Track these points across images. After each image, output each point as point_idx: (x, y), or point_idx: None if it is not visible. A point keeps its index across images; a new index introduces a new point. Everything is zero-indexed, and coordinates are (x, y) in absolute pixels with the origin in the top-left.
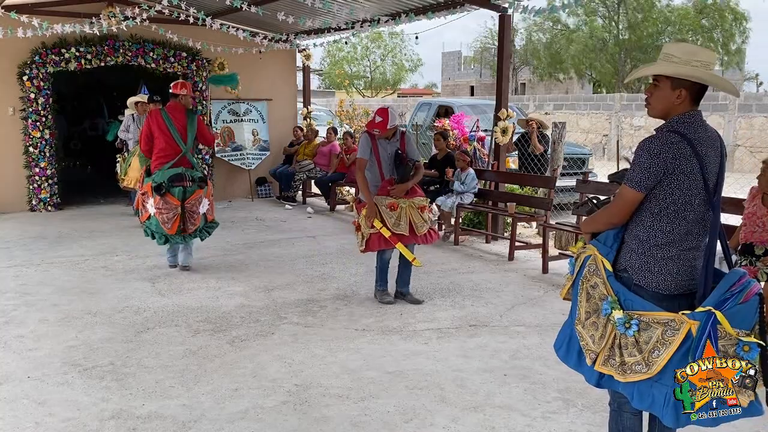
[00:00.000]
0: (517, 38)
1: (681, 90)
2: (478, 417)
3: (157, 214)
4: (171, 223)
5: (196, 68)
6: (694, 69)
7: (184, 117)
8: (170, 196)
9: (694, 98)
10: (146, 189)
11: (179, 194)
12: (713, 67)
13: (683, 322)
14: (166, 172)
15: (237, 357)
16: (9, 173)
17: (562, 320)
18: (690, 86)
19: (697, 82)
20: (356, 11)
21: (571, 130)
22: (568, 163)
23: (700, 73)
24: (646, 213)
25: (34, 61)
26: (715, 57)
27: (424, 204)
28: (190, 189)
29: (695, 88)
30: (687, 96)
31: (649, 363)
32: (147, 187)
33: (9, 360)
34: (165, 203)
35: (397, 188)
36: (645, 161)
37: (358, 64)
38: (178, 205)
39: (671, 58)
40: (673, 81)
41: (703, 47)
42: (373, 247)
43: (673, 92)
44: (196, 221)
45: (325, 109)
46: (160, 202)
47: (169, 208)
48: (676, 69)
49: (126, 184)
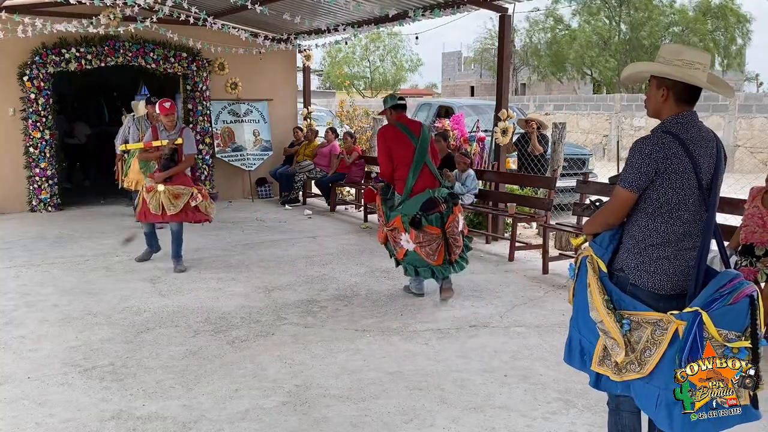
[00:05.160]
0: (517, 38)
1: (664, 88)
2: (478, 417)
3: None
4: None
5: (197, 68)
6: (675, 68)
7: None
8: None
9: (684, 98)
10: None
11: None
12: (703, 67)
13: (671, 322)
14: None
15: (237, 357)
16: (9, 173)
17: (563, 321)
18: (672, 85)
19: (681, 81)
20: (359, 10)
21: (572, 130)
22: (568, 164)
23: (680, 72)
24: (641, 213)
25: (34, 61)
26: (705, 57)
27: (179, 192)
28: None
29: (679, 87)
30: (670, 95)
31: (641, 362)
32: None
33: (9, 360)
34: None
35: (157, 176)
36: (637, 162)
37: (358, 64)
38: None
39: (658, 58)
40: (657, 80)
41: (691, 47)
42: (138, 217)
43: (658, 91)
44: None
45: (326, 110)
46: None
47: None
48: (658, 68)
49: (126, 185)
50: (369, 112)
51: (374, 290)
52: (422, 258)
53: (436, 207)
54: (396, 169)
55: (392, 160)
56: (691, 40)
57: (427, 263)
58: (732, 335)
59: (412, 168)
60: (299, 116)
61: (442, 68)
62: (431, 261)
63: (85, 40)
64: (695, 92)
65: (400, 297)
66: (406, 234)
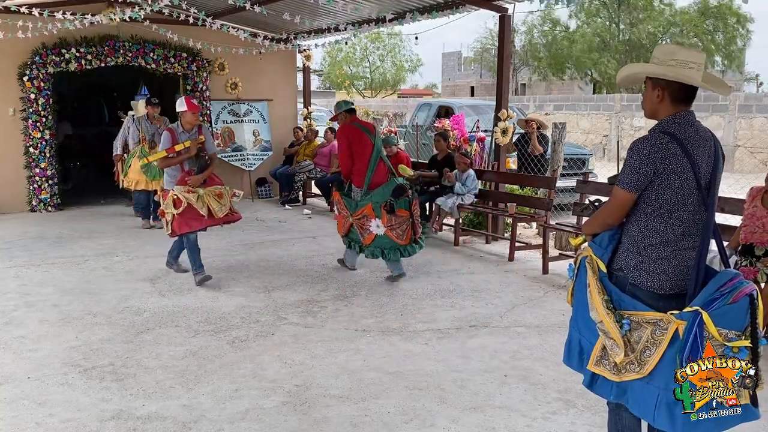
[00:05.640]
0: (517, 39)
1: (659, 89)
2: (478, 417)
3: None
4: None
5: (197, 69)
6: (669, 68)
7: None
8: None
9: (680, 98)
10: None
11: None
12: (697, 66)
13: (671, 322)
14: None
15: (237, 357)
16: (9, 173)
17: (563, 321)
18: (666, 85)
19: (675, 82)
20: (358, 11)
21: (572, 130)
22: (568, 164)
23: (674, 72)
24: (640, 213)
25: (34, 61)
26: (699, 56)
27: (220, 191)
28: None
29: (674, 88)
30: (666, 95)
31: (641, 362)
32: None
33: (9, 360)
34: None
35: (193, 179)
36: (635, 162)
37: (358, 64)
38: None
39: (652, 59)
40: (652, 81)
41: (685, 47)
42: (176, 231)
43: (653, 92)
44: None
45: (326, 110)
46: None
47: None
48: (651, 69)
49: (126, 185)
50: (369, 112)
51: (374, 290)
52: (392, 240)
53: (405, 192)
54: (354, 163)
55: (352, 156)
56: (690, 41)
57: (397, 244)
58: (732, 334)
59: (372, 162)
60: (299, 116)
61: (442, 68)
62: (400, 242)
63: (85, 40)
64: (691, 92)
65: (400, 297)
66: (376, 219)
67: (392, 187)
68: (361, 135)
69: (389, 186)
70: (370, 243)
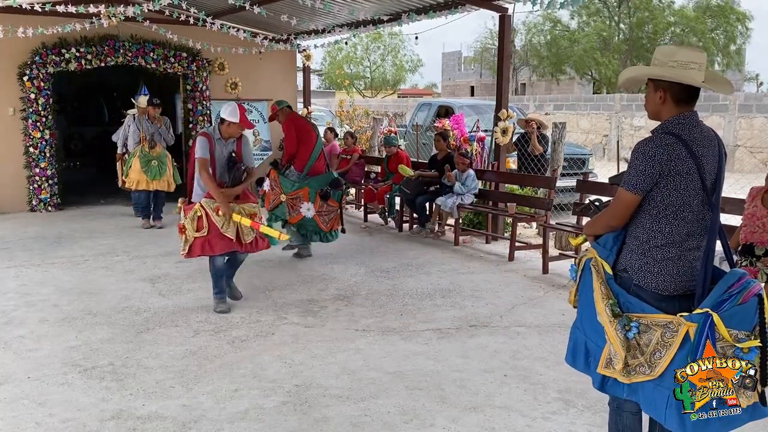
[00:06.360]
0: (517, 39)
1: (661, 91)
2: (478, 417)
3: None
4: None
5: (197, 68)
6: (669, 69)
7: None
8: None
9: (682, 98)
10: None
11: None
12: (698, 66)
13: (681, 324)
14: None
15: (237, 357)
16: (9, 173)
17: (563, 321)
18: (668, 87)
19: (677, 83)
20: (357, 12)
21: (572, 130)
22: (568, 164)
23: (675, 73)
24: (645, 215)
25: (34, 61)
26: (700, 56)
27: (254, 211)
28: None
29: (675, 89)
30: (668, 96)
31: (651, 365)
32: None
33: (9, 360)
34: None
35: (226, 192)
36: (640, 164)
37: (358, 64)
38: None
39: (653, 61)
40: (654, 83)
41: (685, 47)
42: (195, 252)
43: (656, 93)
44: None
45: (326, 110)
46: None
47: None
48: (651, 71)
49: (128, 185)
50: (369, 112)
51: (374, 290)
52: (317, 224)
53: (340, 186)
54: (299, 150)
55: (298, 143)
56: (690, 40)
57: (319, 229)
58: (742, 335)
59: (314, 152)
60: None
61: (442, 68)
62: (323, 227)
63: (85, 40)
64: (693, 92)
65: (400, 297)
66: (308, 203)
67: (330, 178)
68: (307, 126)
69: (327, 177)
70: (295, 222)
